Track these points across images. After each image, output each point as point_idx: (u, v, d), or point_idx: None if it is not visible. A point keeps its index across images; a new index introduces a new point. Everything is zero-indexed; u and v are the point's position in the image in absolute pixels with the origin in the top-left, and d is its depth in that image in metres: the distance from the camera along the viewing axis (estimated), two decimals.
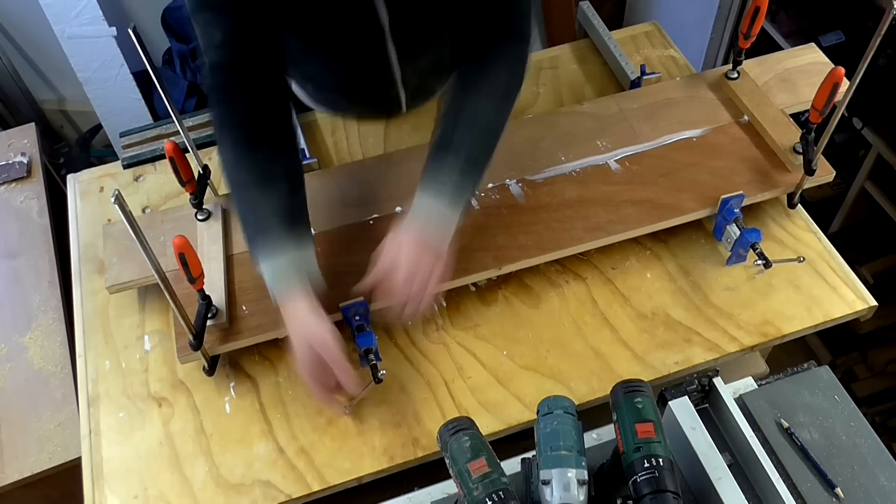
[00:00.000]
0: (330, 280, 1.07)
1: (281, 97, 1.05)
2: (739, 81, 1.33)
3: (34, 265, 1.45)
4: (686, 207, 1.18)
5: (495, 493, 0.71)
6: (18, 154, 1.63)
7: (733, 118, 1.30)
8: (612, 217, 1.18)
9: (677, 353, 1.11)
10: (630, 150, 1.26)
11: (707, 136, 1.28)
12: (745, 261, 1.19)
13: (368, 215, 1.20)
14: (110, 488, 1.03)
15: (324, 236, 1.17)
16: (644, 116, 1.31)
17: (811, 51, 1.40)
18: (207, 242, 1.16)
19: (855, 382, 2.04)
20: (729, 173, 1.22)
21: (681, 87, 1.36)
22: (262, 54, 1.01)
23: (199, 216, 1.19)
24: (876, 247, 2.12)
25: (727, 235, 1.17)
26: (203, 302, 1.04)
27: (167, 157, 1.07)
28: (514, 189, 1.22)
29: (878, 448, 0.97)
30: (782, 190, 1.21)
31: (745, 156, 1.24)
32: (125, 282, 1.14)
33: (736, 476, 0.89)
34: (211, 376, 1.10)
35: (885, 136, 1.86)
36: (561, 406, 0.81)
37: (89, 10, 2.17)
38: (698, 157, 1.24)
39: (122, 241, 1.17)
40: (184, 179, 1.11)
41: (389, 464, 1.03)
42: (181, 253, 0.92)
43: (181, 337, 1.06)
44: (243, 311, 1.09)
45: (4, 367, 1.32)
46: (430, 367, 1.11)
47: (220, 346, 1.08)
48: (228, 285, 1.11)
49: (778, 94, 1.32)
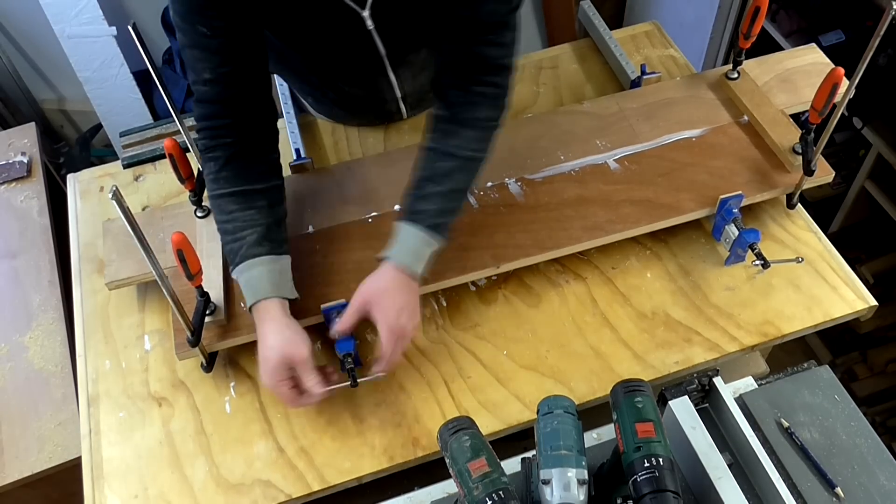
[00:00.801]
0: (328, 278, 1.07)
1: (266, 126, 1.08)
2: (739, 81, 1.32)
3: (34, 265, 1.45)
4: (685, 207, 1.18)
5: (495, 493, 0.71)
6: (18, 154, 1.63)
7: (733, 118, 1.30)
8: (610, 216, 1.18)
9: (677, 352, 1.11)
10: (629, 150, 1.26)
11: (706, 136, 1.27)
12: (743, 261, 1.19)
13: (368, 213, 1.20)
14: (110, 488, 1.03)
15: (324, 233, 1.17)
16: (643, 116, 1.31)
17: (811, 51, 1.40)
18: (206, 240, 1.16)
19: (855, 382, 2.04)
20: (728, 173, 1.22)
21: (681, 87, 1.36)
22: (248, 91, 1.04)
23: (198, 213, 1.19)
24: (876, 246, 2.12)
25: (726, 235, 1.17)
26: (201, 299, 1.04)
27: (167, 155, 1.07)
28: (514, 188, 1.22)
29: (878, 448, 0.97)
30: (781, 190, 1.21)
31: (745, 156, 1.24)
32: (124, 278, 1.15)
33: (736, 476, 0.88)
34: (209, 373, 1.10)
35: (886, 136, 1.86)
36: (561, 406, 0.81)
37: (89, 10, 2.17)
38: (697, 157, 1.24)
39: (121, 237, 1.18)
40: (183, 177, 1.11)
41: (389, 463, 1.03)
42: (179, 249, 0.92)
43: (179, 333, 1.06)
44: (241, 309, 1.09)
45: (5, 367, 1.32)
46: (430, 367, 1.11)
47: (218, 343, 1.08)
48: (227, 282, 1.11)
49: (778, 94, 1.32)
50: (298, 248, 1.13)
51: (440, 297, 1.18)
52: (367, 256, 1.11)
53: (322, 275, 1.12)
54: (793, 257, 1.16)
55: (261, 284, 1.00)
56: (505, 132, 1.09)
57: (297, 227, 1.18)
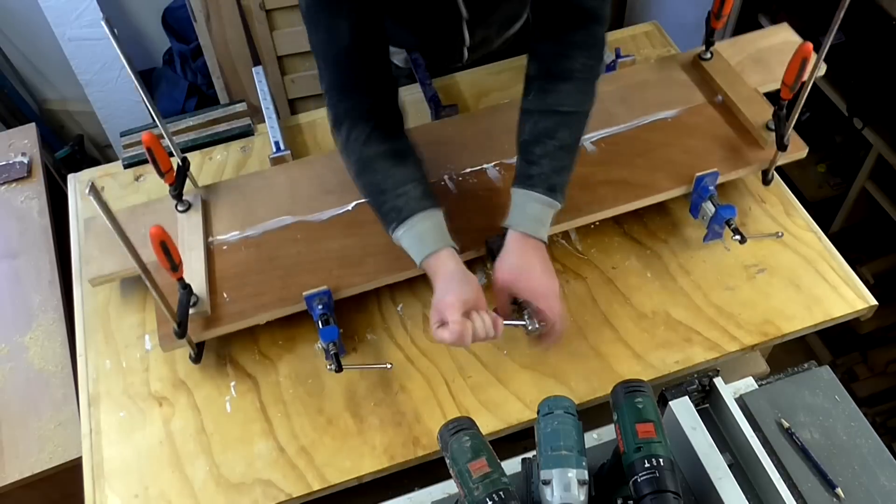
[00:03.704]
0: (311, 266, 1.07)
1: (395, 88, 1.07)
2: (713, 62, 1.33)
3: (34, 265, 1.45)
4: (662, 186, 1.19)
5: (496, 493, 0.71)
6: (19, 154, 1.63)
7: (707, 98, 1.30)
8: (588, 198, 1.18)
9: (677, 352, 1.11)
10: (605, 132, 1.27)
11: (681, 117, 1.28)
12: (721, 237, 1.20)
13: (348, 202, 1.21)
14: (111, 487, 1.03)
15: (305, 222, 1.19)
16: (619, 99, 1.31)
17: (783, 30, 1.41)
18: (188, 233, 1.17)
19: (855, 382, 2.04)
20: (703, 152, 1.22)
21: (655, 69, 1.37)
22: (380, 52, 1.03)
23: (179, 207, 1.20)
24: (876, 247, 2.11)
25: (703, 213, 1.18)
26: (184, 290, 1.04)
27: (145, 149, 1.08)
28: (492, 172, 1.23)
29: (879, 448, 0.97)
30: (756, 167, 1.21)
31: (719, 134, 1.25)
32: (107, 274, 1.15)
33: (736, 476, 0.88)
34: (198, 364, 1.11)
35: (886, 137, 1.86)
36: (561, 406, 0.81)
37: (90, 13, 2.17)
38: (673, 137, 1.25)
39: (103, 235, 1.19)
40: (162, 170, 1.12)
41: (390, 463, 1.03)
42: (162, 241, 0.92)
43: (163, 326, 1.07)
44: (224, 299, 1.10)
45: (5, 367, 1.32)
46: (430, 367, 1.11)
47: (204, 333, 1.08)
48: (209, 274, 1.12)
49: (751, 74, 1.32)
50: (280, 236, 1.16)
51: None
52: (347, 244, 1.14)
53: (305, 263, 1.14)
54: (773, 232, 1.16)
55: (436, 235, 1.00)
56: (482, 118, 1.09)
57: (277, 216, 1.20)
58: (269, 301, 1.10)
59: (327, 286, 1.08)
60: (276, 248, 1.15)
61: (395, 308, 1.18)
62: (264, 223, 1.19)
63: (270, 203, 1.21)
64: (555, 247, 1.23)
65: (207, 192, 1.24)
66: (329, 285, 1.08)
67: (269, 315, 1.10)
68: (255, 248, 1.16)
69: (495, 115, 1.31)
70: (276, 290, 1.11)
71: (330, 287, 1.08)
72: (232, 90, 2.28)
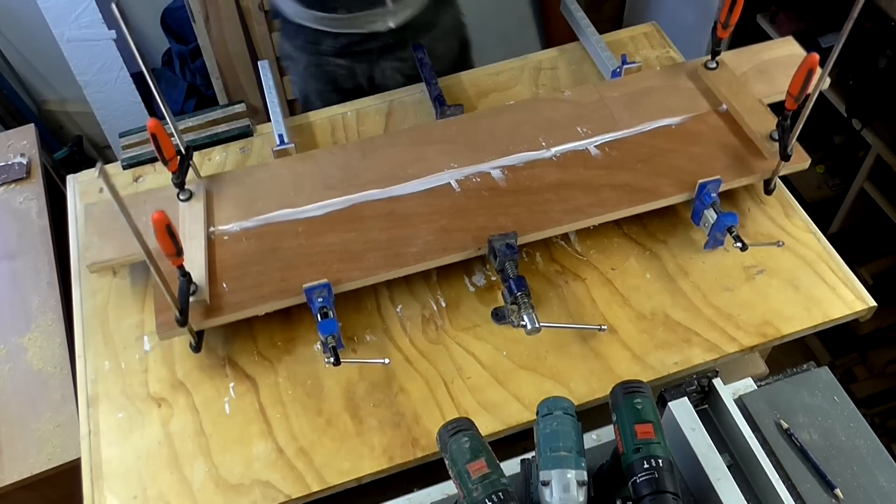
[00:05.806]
0: (311, 259, 1.07)
1: None
2: (718, 71, 1.34)
3: (33, 266, 1.45)
4: (664, 192, 1.19)
5: (495, 494, 0.71)
6: (18, 155, 1.63)
7: (711, 107, 1.31)
8: (591, 200, 1.18)
9: (677, 353, 1.11)
10: (610, 137, 1.27)
11: (685, 124, 1.29)
12: (722, 245, 1.20)
13: (349, 197, 1.21)
14: (109, 489, 1.03)
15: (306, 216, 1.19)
16: (624, 104, 1.32)
17: (788, 43, 1.41)
18: (189, 222, 1.17)
19: (854, 383, 2.04)
20: (706, 159, 1.23)
21: (660, 77, 1.37)
22: None
23: (181, 196, 1.19)
24: (875, 248, 2.12)
25: (704, 220, 1.17)
26: (184, 278, 1.04)
27: (150, 135, 1.07)
28: (495, 173, 1.23)
29: (878, 449, 0.97)
30: (759, 176, 1.21)
31: (723, 143, 1.25)
32: (106, 259, 1.15)
33: (735, 477, 0.88)
34: (198, 353, 1.11)
35: (885, 137, 1.86)
36: (560, 407, 0.81)
37: (88, 13, 2.17)
38: (677, 144, 1.25)
39: (103, 220, 1.18)
40: (166, 158, 1.11)
41: (389, 464, 1.03)
42: (167, 224, 0.92)
43: (162, 314, 1.07)
44: (224, 289, 1.10)
45: (4, 368, 1.32)
46: (429, 367, 1.11)
47: (204, 322, 1.08)
48: (209, 264, 1.12)
49: (755, 84, 1.33)
50: (281, 229, 1.16)
51: (439, 297, 1.18)
52: (348, 239, 1.15)
53: (305, 256, 1.14)
54: (773, 241, 1.16)
55: None
56: (487, 119, 1.09)
57: (279, 209, 1.20)
58: (268, 292, 1.10)
59: (327, 279, 1.08)
60: (276, 241, 1.15)
61: (394, 309, 1.18)
62: (266, 215, 1.19)
63: (272, 195, 1.21)
64: (554, 248, 1.24)
65: (210, 183, 1.24)
66: (329, 279, 1.08)
67: (268, 307, 1.10)
68: (255, 239, 1.16)
69: (500, 115, 1.31)
70: (276, 281, 1.11)
71: (330, 280, 1.08)
72: (231, 91, 2.28)
